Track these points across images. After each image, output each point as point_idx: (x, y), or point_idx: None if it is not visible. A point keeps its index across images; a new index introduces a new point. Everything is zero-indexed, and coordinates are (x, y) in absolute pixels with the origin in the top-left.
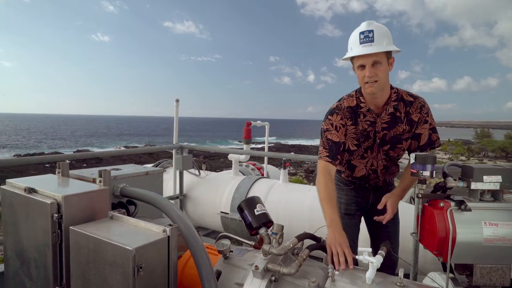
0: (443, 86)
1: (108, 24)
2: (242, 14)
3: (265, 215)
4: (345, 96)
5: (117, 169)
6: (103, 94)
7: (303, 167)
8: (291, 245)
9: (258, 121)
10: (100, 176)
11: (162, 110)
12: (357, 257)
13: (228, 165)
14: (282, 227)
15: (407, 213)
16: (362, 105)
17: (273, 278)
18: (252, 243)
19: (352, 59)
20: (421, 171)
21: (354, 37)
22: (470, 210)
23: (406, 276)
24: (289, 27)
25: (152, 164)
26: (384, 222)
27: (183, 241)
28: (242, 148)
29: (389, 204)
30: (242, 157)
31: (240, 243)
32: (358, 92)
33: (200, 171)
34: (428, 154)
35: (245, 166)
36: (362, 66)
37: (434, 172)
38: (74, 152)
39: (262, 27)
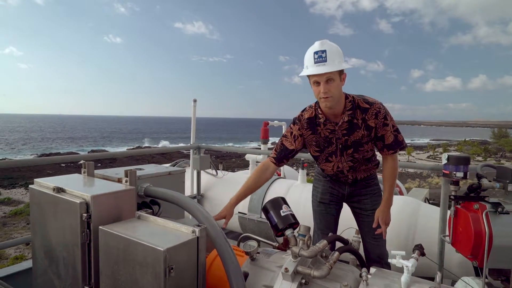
0: (457, 84)
1: (120, 25)
2: (250, 14)
3: (291, 216)
4: (307, 107)
5: (140, 169)
6: (116, 95)
7: (314, 167)
8: (322, 247)
9: (276, 121)
10: (126, 176)
11: (173, 110)
12: (390, 260)
13: (240, 165)
14: (309, 228)
15: (428, 215)
16: (320, 116)
17: (303, 281)
18: (276, 244)
19: (308, 75)
20: (454, 172)
21: (309, 56)
22: (507, 213)
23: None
24: (299, 26)
25: (169, 164)
26: (384, 237)
27: (208, 241)
28: (257, 148)
29: (380, 220)
30: (260, 157)
31: (258, 245)
32: (317, 104)
33: (217, 171)
34: (462, 154)
35: None
36: (317, 83)
37: (468, 173)
38: (89, 152)
39: (271, 27)
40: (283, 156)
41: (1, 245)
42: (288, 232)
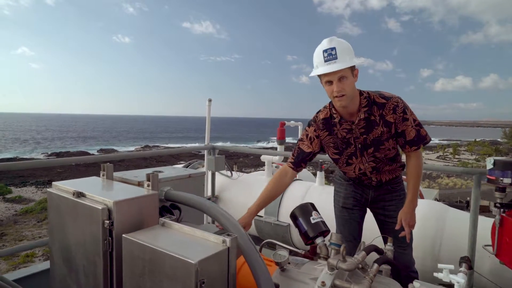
0: (468, 84)
1: (128, 25)
2: (258, 14)
3: (322, 223)
4: (322, 108)
5: (159, 172)
6: (125, 94)
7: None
8: (361, 259)
9: (292, 121)
10: (148, 179)
11: (182, 109)
12: (435, 274)
13: (247, 165)
14: (342, 237)
15: (457, 220)
16: (334, 115)
17: None
18: (302, 251)
19: (319, 75)
20: (501, 178)
21: (318, 55)
22: None
23: None
24: (307, 26)
25: (183, 165)
26: (408, 240)
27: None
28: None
29: (403, 221)
30: (276, 158)
31: (274, 249)
32: (331, 103)
33: (232, 172)
34: (510, 158)
35: (275, 167)
36: (330, 82)
37: None
38: (98, 151)
39: (279, 26)
40: (300, 160)
41: (21, 247)
42: (319, 240)
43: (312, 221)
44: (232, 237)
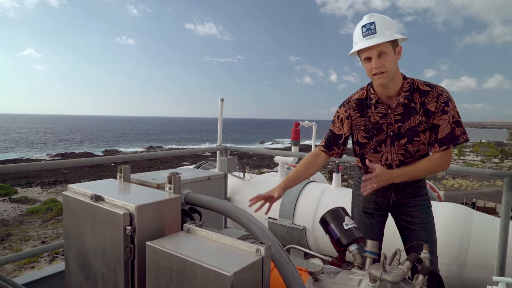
0: (472, 85)
1: (132, 27)
2: (261, 14)
3: (355, 229)
4: (359, 89)
5: (177, 173)
6: (130, 96)
7: (326, 168)
8: (406, 270)
9: (306, 121)
10: (170, 182)
11: (186, 111)
12: (489, 287)
13: (250, 166)
14: (378, 244)
15: (484, 225)
16: (371, 96)
17: None
18: (328, 258)
19: (358, 53)
20: None
21: (357, 31)
22: None
23: None
24: (310, 27)
25: (193, 166)
26: (365, 193)
27: None
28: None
29: (375, 174)
30: (290, 159)
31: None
32: (370, 84)
33: (245, 173)
34: None
35: (287, 168)
36: (369, 59)
37: None
38: (102, 152)
39: (282, 27)
40: (332, 143)
41: (36, 251)
42: (352, 248)
43: (345, 227)
44: (266, 245)
